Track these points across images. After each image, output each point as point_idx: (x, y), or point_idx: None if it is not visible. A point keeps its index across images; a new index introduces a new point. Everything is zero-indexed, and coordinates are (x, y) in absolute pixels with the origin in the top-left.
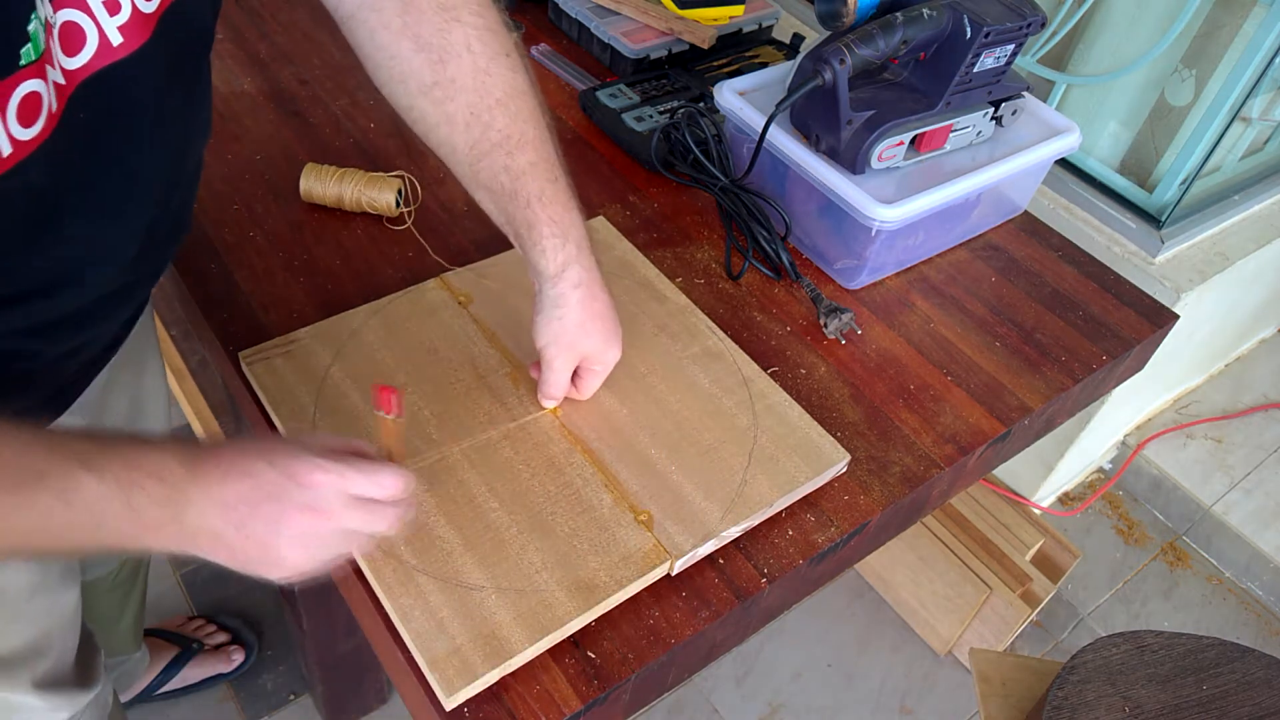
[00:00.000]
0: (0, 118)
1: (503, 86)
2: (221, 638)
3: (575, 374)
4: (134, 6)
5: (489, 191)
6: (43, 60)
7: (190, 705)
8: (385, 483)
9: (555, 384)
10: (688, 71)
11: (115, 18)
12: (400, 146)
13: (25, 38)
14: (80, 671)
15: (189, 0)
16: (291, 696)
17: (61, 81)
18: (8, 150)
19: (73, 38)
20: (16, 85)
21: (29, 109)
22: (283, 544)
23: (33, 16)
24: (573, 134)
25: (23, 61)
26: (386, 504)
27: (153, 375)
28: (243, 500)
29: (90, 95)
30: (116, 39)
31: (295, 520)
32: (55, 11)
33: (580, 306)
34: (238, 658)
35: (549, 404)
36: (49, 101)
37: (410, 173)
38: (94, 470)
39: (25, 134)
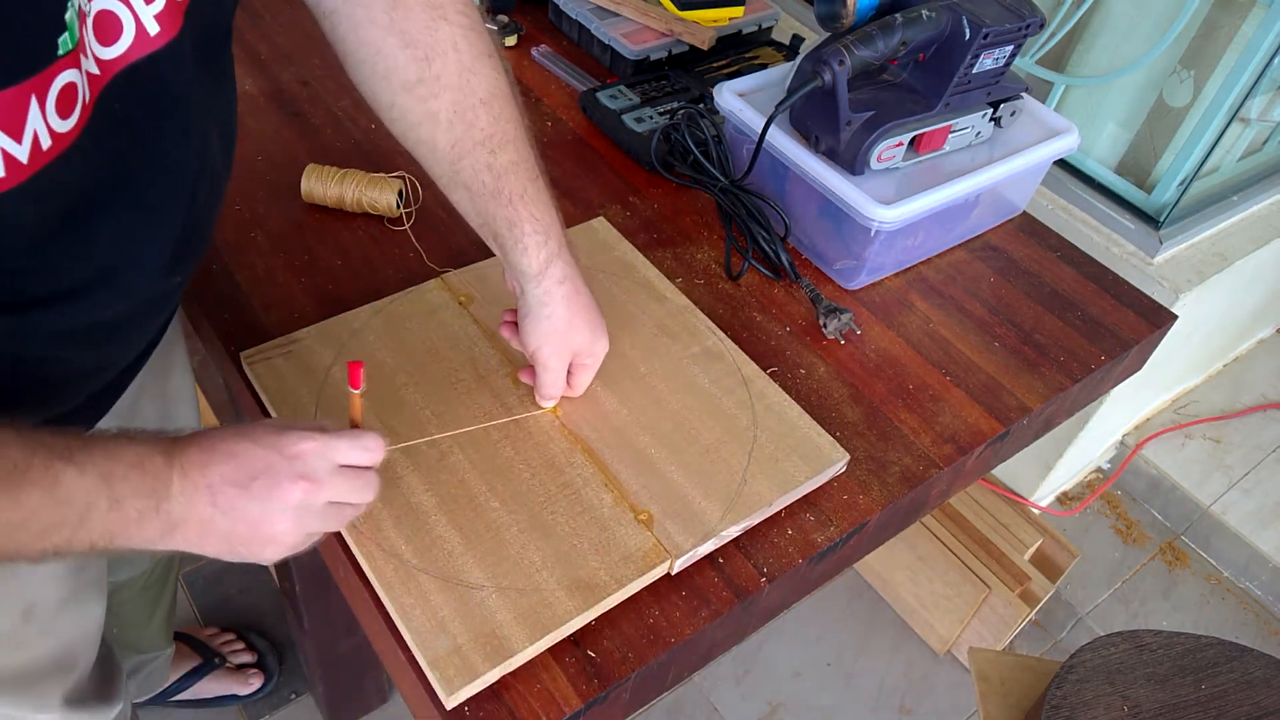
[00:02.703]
0: (40, 109)
1: (486, 86)
2: (246, 658)
3: (568, 370)
4: None
5: (468, 190)
6: (77, 50)
7: (194, 708)
8: (369, 445)
9: (553, 384)
10: (687, 73)
11: (151, 6)
12: (401, 147)
13: (62, 26)
14: (102, 687)
15: None
16: (292, 696)
17: (96, 72)
18: (47, 143)
19: (108, 27)
20: (55, 75)
21: (66, 100)
22: (275, 520)
23: (69, 4)
24: (573, 135)
25: (60, 51)
26: (369, 471)
27: (180, 376)
28: (230, 482)
29: (126, 87)
30: (153, 28)
31: (287, 493)
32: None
33: (566, 303)
34: (255, 682)
35: (547, 404)
36: (83, 93)
37: (411, 173)
38: (75, 463)
39: (63, 126)
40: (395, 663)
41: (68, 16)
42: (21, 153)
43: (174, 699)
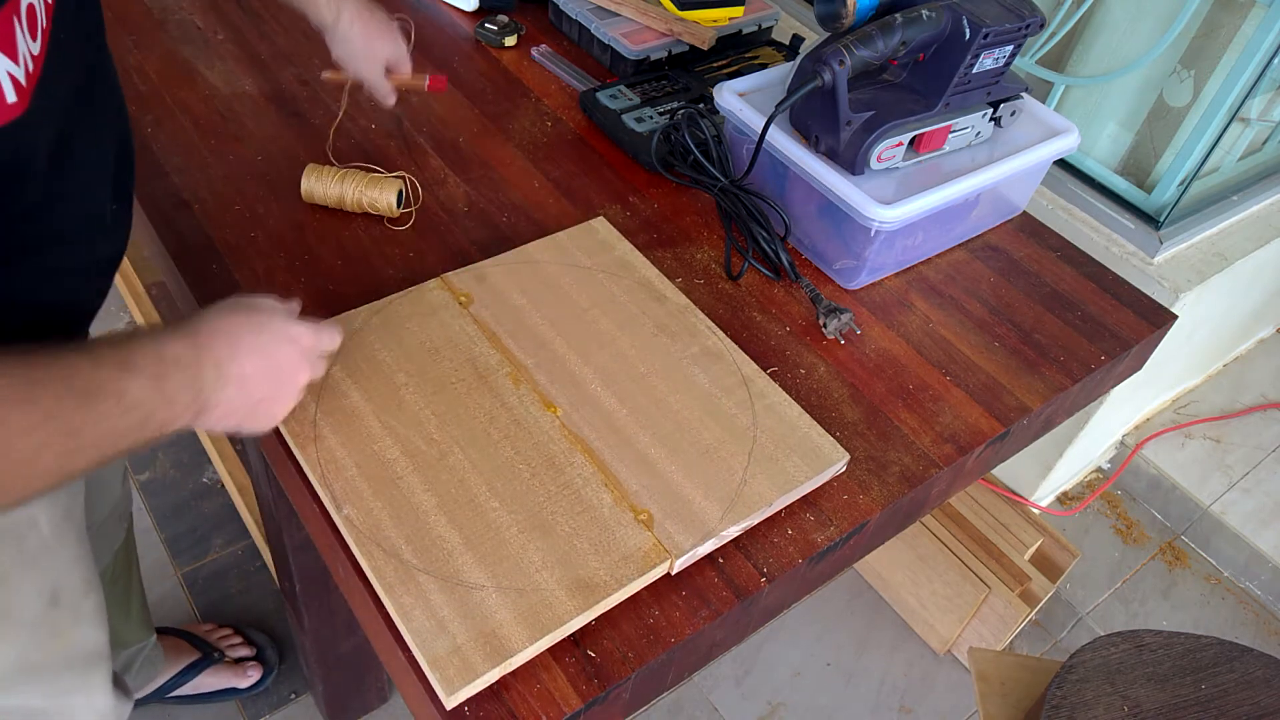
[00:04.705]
0: (21, 30)
1: None
2: (244, 652)
3: (391, 71)
4: None
5: None
6: None
7: (193, 704)
8: (337, 335)
9: (377, 87)
10: (688, 72)
11: None
12: (401, 147)
13: None
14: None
15: None
16: (292, 695)
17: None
18: (31, 67)
19: None
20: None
21: (31, 22)
22: (286, 400)
23: None
24: (573, 134)
25: None
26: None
27: None
28: (261, 375)
29: (65, 12)
30: None
31: (302, 378)
32: None
33: (361, 27)
34: (254, 674)
35: (389, 101)
36: (41, 16)
37: (411, 173)
38: (134, 371)
39: (34, 48)
40: (395, 663)
41: None
42: (20, 73)
43: (172, 695)
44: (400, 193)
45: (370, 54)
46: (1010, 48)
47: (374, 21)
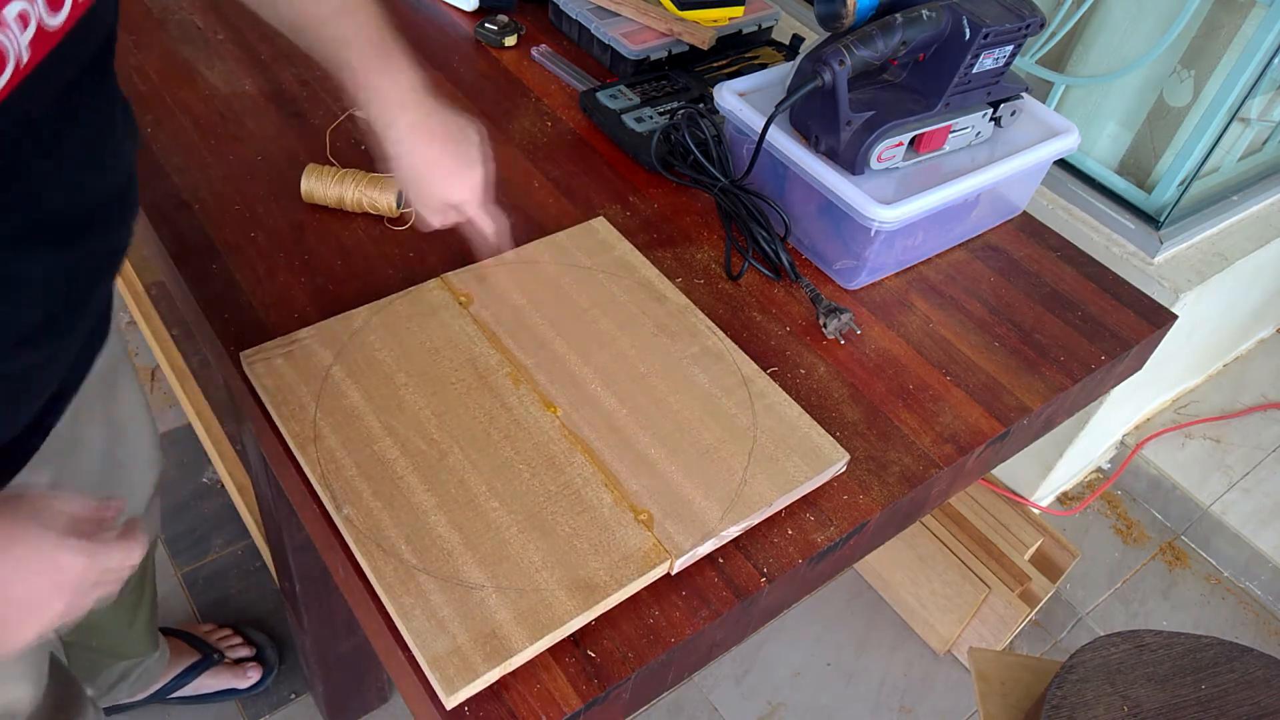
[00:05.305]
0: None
1: None
2: (244, 652)
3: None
4: None
5: (319, 56)
6: None
7: (193, 704)
8: (135, 554)
9: (433, 220)
10: (688, 72)
11: None
12: None
13: None
14: (57, 713)
15: None
16: (292, 695)
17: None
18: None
19: None
20: None
21: None
22: (24, 633)
23: None
24: (573, 135)
25: None
26: (123, 571)
27: (128, 395)
28: None
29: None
30: None
31: (50, 611)
32: None
33: (411, 158)
34: (254, 675)
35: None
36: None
37: None
38: None
39: (54, 20)
40: (395, 663)
41: None
42: (56, 20)
43: (172, 696)
44: (400, 193)
45: (432, 192)
46: (1010, 48)
47: (443, 149)
